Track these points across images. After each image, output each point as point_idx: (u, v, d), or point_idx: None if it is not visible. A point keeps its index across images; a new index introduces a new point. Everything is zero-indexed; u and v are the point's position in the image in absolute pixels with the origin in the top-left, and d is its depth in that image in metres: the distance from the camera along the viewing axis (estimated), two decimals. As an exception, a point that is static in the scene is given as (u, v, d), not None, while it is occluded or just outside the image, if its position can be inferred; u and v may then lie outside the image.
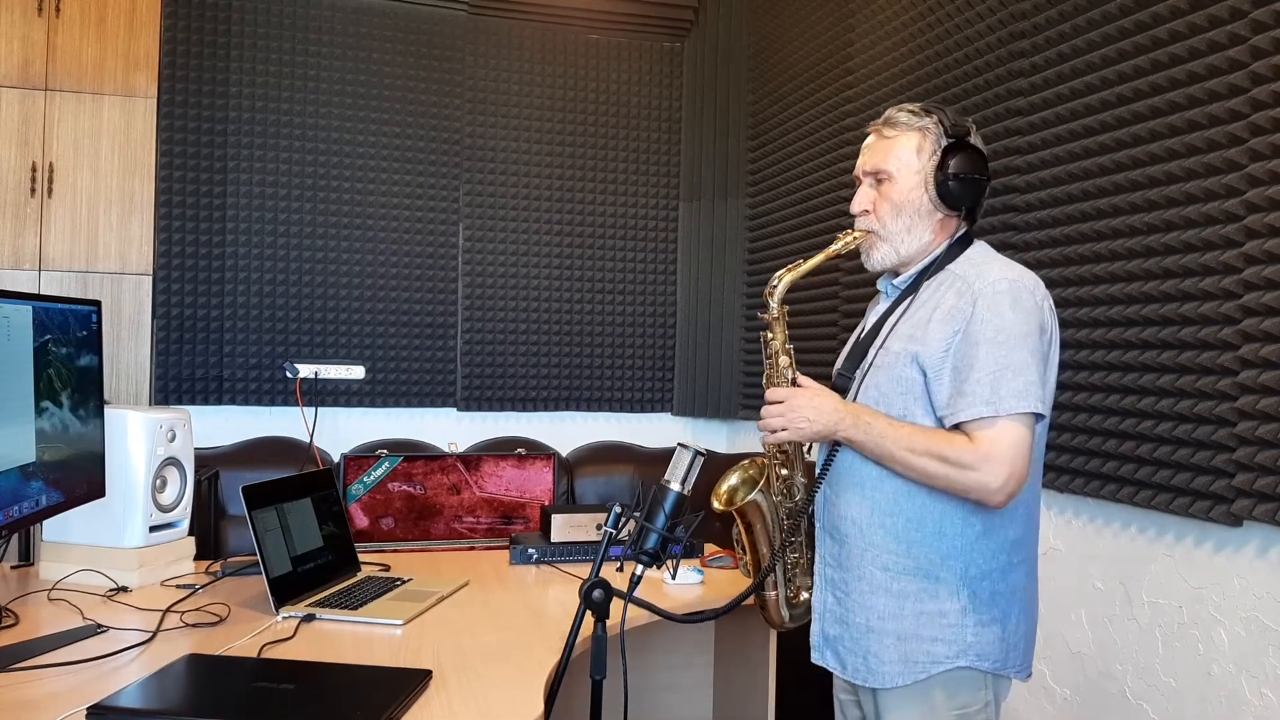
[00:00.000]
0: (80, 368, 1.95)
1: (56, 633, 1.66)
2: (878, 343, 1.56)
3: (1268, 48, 1.76)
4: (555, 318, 4.18)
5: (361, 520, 2.81)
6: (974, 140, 1.56)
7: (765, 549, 1.72)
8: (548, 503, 2.95)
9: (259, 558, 1.88)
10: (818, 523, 1.65)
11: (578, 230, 4.20)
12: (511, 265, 4.11)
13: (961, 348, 1.46)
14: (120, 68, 3.47)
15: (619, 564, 1.74)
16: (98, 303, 2.05)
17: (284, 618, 1.83)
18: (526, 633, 1.82)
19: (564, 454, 4.00)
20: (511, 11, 4.06)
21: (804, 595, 1.73)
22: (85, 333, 1.97)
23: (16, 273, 3.35)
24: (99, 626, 1.71)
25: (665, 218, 4.31)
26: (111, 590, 1.96)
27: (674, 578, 2.21)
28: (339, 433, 3.86)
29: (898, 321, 1.55)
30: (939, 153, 1.54)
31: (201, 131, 3.70)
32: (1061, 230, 2.26)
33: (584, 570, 2.13)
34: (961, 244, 1.58)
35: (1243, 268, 1.80)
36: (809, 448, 1.71)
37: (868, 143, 1.63)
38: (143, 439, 2.06)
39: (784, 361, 1.61)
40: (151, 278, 3.54)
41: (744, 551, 1.80)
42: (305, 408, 3.26)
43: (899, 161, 1.56)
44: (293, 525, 2.03)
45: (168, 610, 1.82)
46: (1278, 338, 1.73)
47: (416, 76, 3.97)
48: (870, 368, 1.56)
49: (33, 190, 3.37)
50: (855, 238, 1.61)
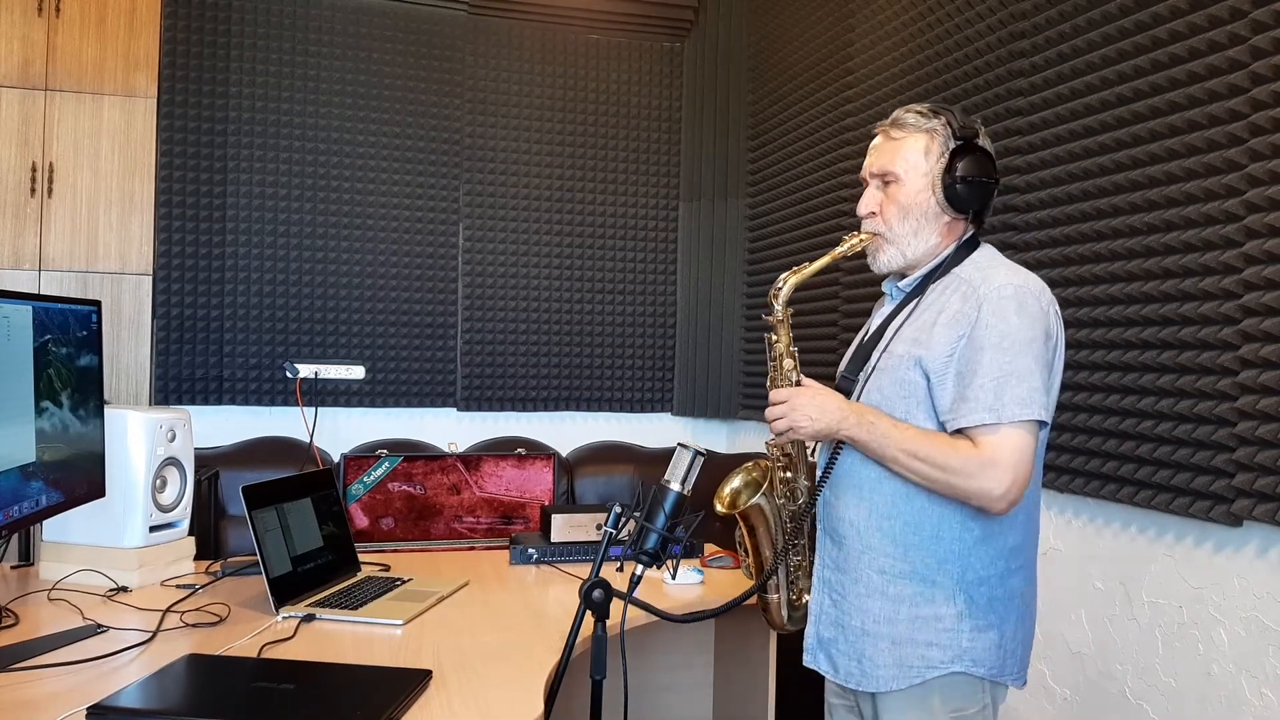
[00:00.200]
0: (80, 368, 1.95)
1: (56, 633, 1.66)
2: (881, 345, 1.56)
3: (1268, 48, 1.76)
4: (555, 318, 4.17)
5: (361, 520, 2.81)
6: (982, 142, 1.55)
7: (768, 552, 1.72)
8: (548, 503, 2.95)
9: (259, 558, 1.88)
10: (819, 525, 1.65)
11: (578, 230, 4.20)
12: (511, 265, 4.11)
13: (966, 353, 1.44)
14: (120, 68, 3.47)
15: (619, 564, 1.74)
16: (98, 303, 2.05)
17: (284, 618, 1.83)
18: (526, 633, 1.82)
19: (564, 454, 4.00)
20: (511, 11, 4.06)
21: (806, 598, 1.73)
22: (85, 333, 1.97)
23: (16, 273, 3.35)
24: (99, 626, 1.71)
25: (665, 218, 4.31)
26: (111, 590, 1.96)
27: (674, 578, 2.21)
28: (339, 433, 3.86)
29: (902, 324, 1.54)
30: (947, 155, 1.53)
31: (201, 131, 3.70)
32: (1061, 230, 2.26)
33: (584, 570, 2.14)
34: (968, 247, 1.56)
35: (1243, 268, 1.80)
36: (812, 450, 1.71)
37: (875, 144, 1.61)
38: (143, 439, 2.06)
39: (788, 364, 1.61)
40: (151, 278, 3.54)
41: (747, 554, 1.80)
42: (305, 408, 3.26)
43: (906, 164, 1.54)
44: (293, 525, 2.03)
45: (168, 610, 1.82)
46: (1278, 338, 1.73)
47: (416, 76, 3.97)
48: (874, 370, 1.55)
49: (33, 190, 3.38)
50: (861, 240, 1.59)
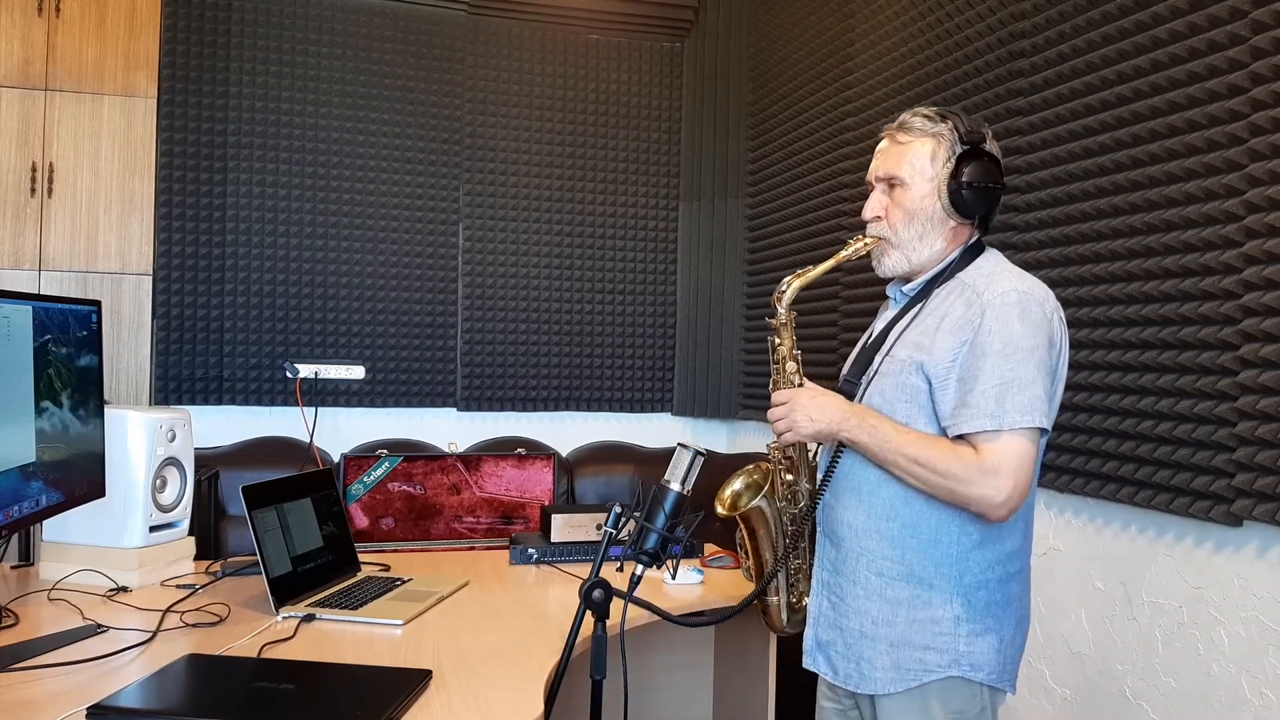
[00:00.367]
0: (80, 368, 1.95)
1: (56, 633, 1.66)
2: (884, 349, 1.55)
3: (1268, 48, 1.76)
4: (555, 318, 4.18)
5: (361, 520, 2.81)
6: (989, 147, 1.54)
7: (768, 554, 1.71)
8: (548, 503, 2.95)
9: (259, 558, 1.88)
10: (819, 526, 1.65)
11: (578, 230, 4.20)
12: (511, 265, 4.11)
13: (968, 359, 1.44)
14: (120, 68, 3.47)
15: (619, 564, 1.74)
16: (98, 303, 2.05)
17: (284, 618, 1.83)
18: (526, 633, 1.82)
19: (564, 454, 4.00)
20: (511, 11, 4.06)
21: (806, 601, 1.73)
22: (85, 333, 1.97)
23: (16, 273, 3.35)
24: (99, 626, 1.71)
25: (665, 218, 4.31)
26: (111, 590, 1.96)
27: (674, 578, 2.21)
28: (339, 433, 3.87)
29: (905, 329, 1.54)
30: (953, 160, 1.51)
31: (201, 131, 3.70)
32: (1061, 230, 2.25)
33: (584, 570, 2.14)
34: (973, 252, 1.56)
35: (1243, 268, 1.79)
36: (814, 453, 1.71)
37: (881, 147, 1.60)
38: (143, 439, 2.06)
39: (791, 367, 1.61)
40: (151, 278, 3.54)
41: (747, 556, 1.80)
42: (305, 408, 3.26)
43: (912, 168, 1.54)
44: (293, 525, 2.03)
45: (168, 610, 1.82)
46: (1278, 338, 1.73)
47: (416, 76, 3.97)
48: (876, 374, 1.54)
49: (33, 190, 3.37)
50: (866, 244, 1.59)
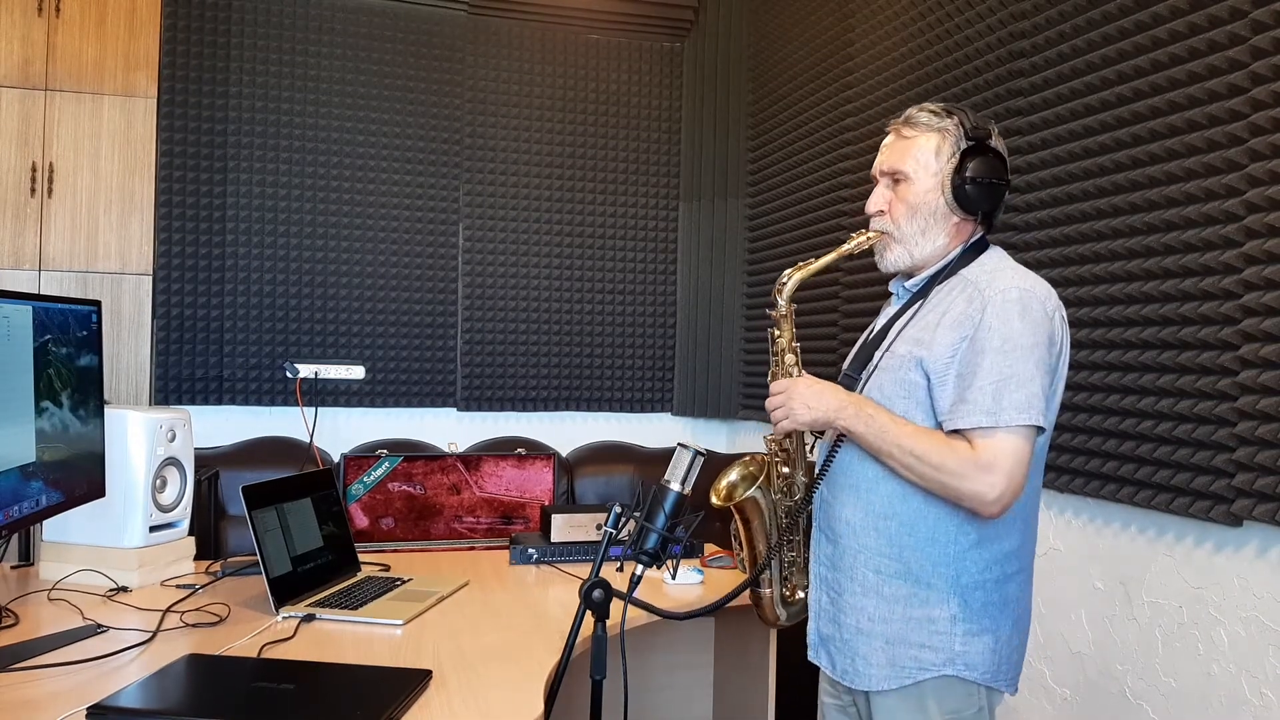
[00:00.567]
0: (80, 368, 1.95)
1: (56, 633, 1.66)
2: (884, 345, 1.56)
3: (1268, 48, 1.76)
4: (555, 318, 4.17)
5: (361, 520, 2.81)
6: (994, 143, 1.54)
7: (762, 546, 1.72)
8: (548, 503, 2.95)
9: (259, 558, 1.88)
10: (815, 522, 1.65)
11: (578, 230, 4.20)
12: (511, 265, 4.11)
13: (967, 355, 1.44)
14: (120, 68, 3.47)
15: (619, 564, 1.74)
16: (98, 303, 2.05)
17: (284, 618, 1.83)
18: (526, 633, 1.82)
19: (564, 454, 4.00)
20: (511, 11, 4.06)
21: (800, 594, 1.73)
22: (85, 333, 1.97)
23: (16, 273, 3.35)
24: (99, 626, 1.71)
25: (665, 218, 4.31)
26: (111, 590, 1.96)
27: (674, 578, 2.21)
28: (339, 433, 3.87)
29: (906, 325, 1.54)
30: (958, 155, 1.52)
31: (201, 131, 3.70)
32: (1061, 230, 2.25)
33: (584, 570, 2.14)
34: (976, 249, 1.56)
35: (1243, 268, 1.79)
36: (811, 446, 1.71)
37: (886, 142, 1.60)
38: (143, 439, 2.06)
39: (790, 359, 1.61)
40: (151, 278, 3.54)
41: (741, 547, 1.80)
42: (305, 408, 3.26)
43: (916, 163, 1.54)
44: (293, 525, 2.03)
45: (168, 610, 1.82)
46: (1278, 338, 1.73)
47: (416, 76, 3.97)
48: (875, 369, 1.55)
49: (33, 190, 3.37)
50: (869, 238, 1.59)
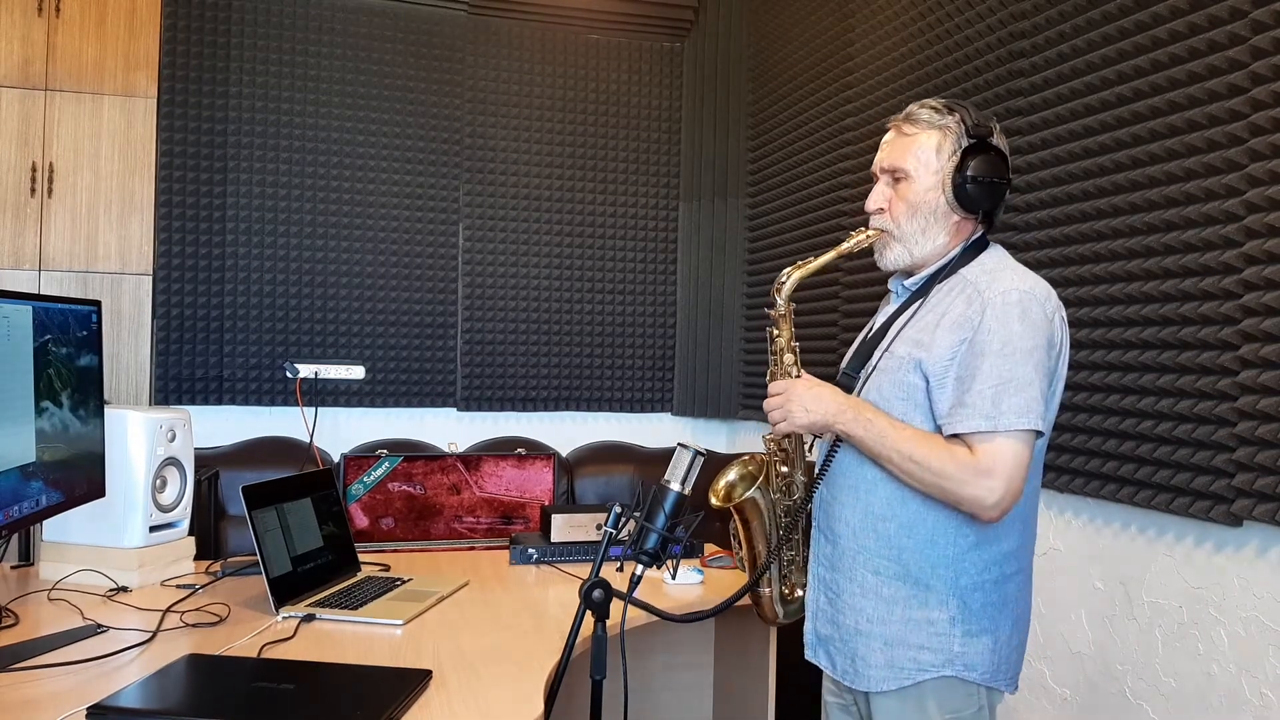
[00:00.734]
0: (80, 368, 1.95)
1: (56, 633, 1.66)
2: (883, 345, 1.55)
3: (1268, 48, 1.76)
4: (555, 318, 4.18)
5: (361, 520, 2.81)
6: (996, 141, 1.52)
7: (761, 546, 1.72)
8: (548, 503, 2.95)
9: (259, 558, 1.88)
10: (814, 523, 1.64)
11: (578, 230, 4.20)
12: (511, 265, 4.11)
13: (966, 357, 1.43)
14: (120, 68, 3.47)
15: (619, 564, 1.74)
16: (98, 303, 2.05)
17: (284, 618, 1.83)
18: (526, 633, 1.82)
19: (564, 454, 4.00)
20: (511, 11, 4.06)
21: (799, 592, 1.73)
22: (85, 333, 1.97)
23: (16, 273, 3.35)
24: (99, 626, 1.71)
25: (665, 218, 4.31)
26: (111, 590, 1.96)
27: (674, 578, 2.21)
28: (339, 433, 3.87)
29: (905, 325, 1.53)
30: (959, 153, 1.50)
31: (201, 131, 3.70)
32: (1061, 230, 2.25)
33: (584, 570, 2.14)
34: (976, 248, 1.54)
35: (1243, 268, 1.79)
36: (810, 446, 1.71)
37: (887, 139, 1.59)
38: (143, 439, 2.06)
39: (789, 359, 1.60)
40: (151, 278, 3.54)
41: (740, 547, 1.80)
42: (305, 408, 3.26)
43: (917, 160, 1.52)
44: (293, 525, 2.03)
45: (168, 610, 1.82)
46: (1278, 338, 1.73)
47: (416, 76, 3.97)
48: (874, 371, 1.54)
49: (33, 190, 3.38)
50: (868, 236, 1.57)
